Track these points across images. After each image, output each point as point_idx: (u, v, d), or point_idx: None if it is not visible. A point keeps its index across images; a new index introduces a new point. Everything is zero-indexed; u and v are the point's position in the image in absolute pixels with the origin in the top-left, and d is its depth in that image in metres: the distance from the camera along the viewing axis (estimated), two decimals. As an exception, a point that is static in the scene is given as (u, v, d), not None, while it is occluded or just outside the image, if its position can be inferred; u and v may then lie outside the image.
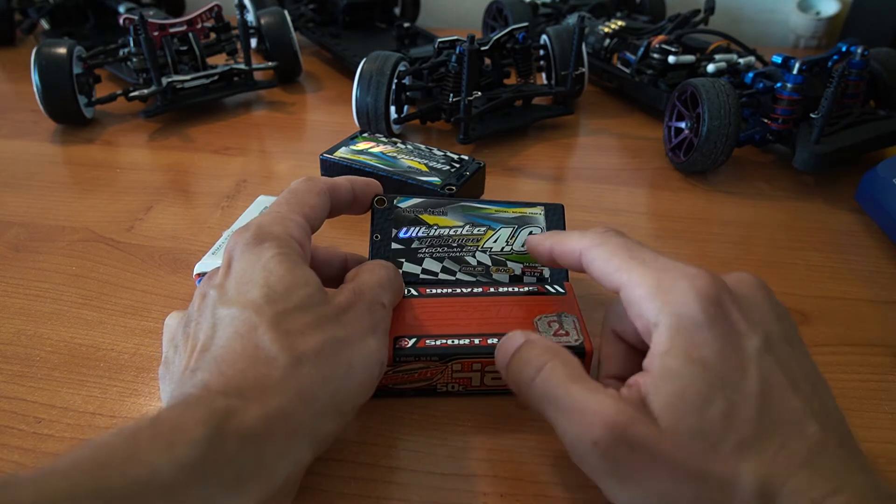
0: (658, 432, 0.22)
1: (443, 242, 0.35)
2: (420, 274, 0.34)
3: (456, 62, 0.54)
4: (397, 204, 0.35)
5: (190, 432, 0.19)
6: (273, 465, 0.21)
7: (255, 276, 0.25)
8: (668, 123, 0.55)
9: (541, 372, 0.25)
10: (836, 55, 0.52)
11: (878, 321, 0.37)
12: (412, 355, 0.29)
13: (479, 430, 0.29)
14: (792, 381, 0.23)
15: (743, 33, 0.86)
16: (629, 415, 0.22)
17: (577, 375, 0.24)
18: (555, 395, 0.24)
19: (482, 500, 0.26)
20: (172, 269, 0.40)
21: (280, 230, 0.27)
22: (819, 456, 0.22)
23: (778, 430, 0.22)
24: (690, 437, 0.22)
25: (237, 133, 0.60)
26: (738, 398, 0.22)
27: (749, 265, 0.42)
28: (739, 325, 0.24)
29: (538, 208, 0.36)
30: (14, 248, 0.42)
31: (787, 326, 0.25)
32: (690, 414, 0.22)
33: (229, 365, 0.22)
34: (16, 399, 0.31)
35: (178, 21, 0.60)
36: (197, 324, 0.25)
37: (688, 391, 0.23)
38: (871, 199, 0.45)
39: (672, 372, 0.23)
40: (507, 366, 0.27)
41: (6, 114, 0.63)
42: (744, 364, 0.23)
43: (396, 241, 0.34)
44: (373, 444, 0.29)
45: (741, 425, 0.22)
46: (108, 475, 0.17)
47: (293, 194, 0.29)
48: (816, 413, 0.23)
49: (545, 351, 0.26)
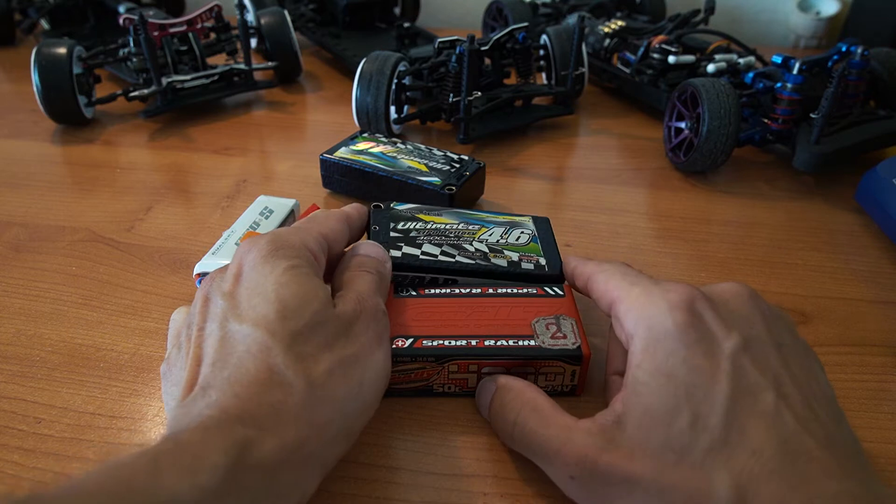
0: (628, 453, 0.23)
1: (440, 233, 0.36)
2: (420, 255, 0.34)
3: (456, 62, 0.54)
4: (394, 206, 0.37)
5: (210, 459, 0.19)
6: (287, 494, 0.21)
7: (268, 290, 0.24)
8: (668, 123, 0.55)
9: (515, 426, 0.26)
10: (836, 55, 0.52)
11: (878, 321, 0.37)
12: (408, 356, 0.29)
13: (479, 430, 0.29)
14: (771, 378, 0.23)
15: (743, 33, 0.86)
16: (597, 446, 0.23)
17: (548, 418, 0.26)
18: (530, 444, 0.26)
19: (482, 500, 0.26)
20: (172, 269, 0.40)
21: (296, 240, 0.27)
22: (795, 459, 0.21)
23: (749, 432, 0.22)
24: (660, 450, 0.22)
25: (237, 133, 0.60)
26: (705, 407, 0.23)
27: (749, 265, 0.42)
28: (714, 329, 0.24)
29: (526, 217, 0.38)
30: (14, 248, 0.42)
31: (778, 329, 0.25)
32: (657, 428, 0.23)
33: (244, 387, 0.22)
34: (16, 399, 0.31)
35: (178, 21, 0.60)
36: (201, 330, 0.25)
37: (654, 405, 0.23)
38: (871, 199, 0.45)
39: (641, 387, 0.24)
40: (489, 415, 0.29)
41: (6, 114, 0.63)
42: (715, 368, 0.23)
43: (395, 231, 0.35)
44: (373, 444, 0.29)
45: (709, 432, 0.22)
46: (131, 498, 0.17)
47: (312, 218, 0.31)
48: (797, 413, 0.22)
49: (515, 398, 0.27)
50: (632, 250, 0.44)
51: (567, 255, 0.34)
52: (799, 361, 0.25)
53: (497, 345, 0.29)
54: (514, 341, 0.29)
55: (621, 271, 0.29)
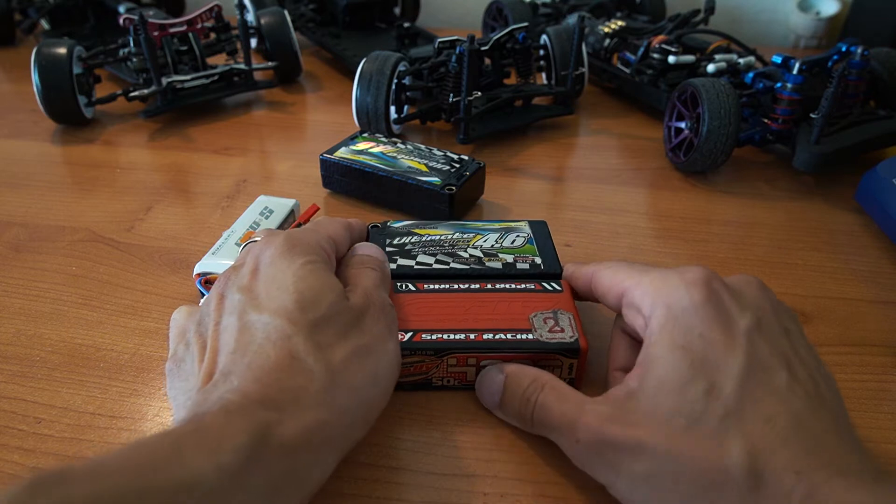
0: (637, 420, 0.23)
1: (434, 244, 0.36)
2: (414, 265, 0.35)
3: (456, 62, 0.54)
4: (390, 225, 0.38)
5: (234, 439, 0.19)
6: (307, 475, 0.22)
7: (287, 283, 0.25)
8: (668, 123, 0.55)
9: (534, 405, 0.27)
10: (836, 55, 0.52)
11: (878, 321, 0.37)
12: (408, 349, 0.29)
13: (479, 430, 0.29)
14: (782, 358, 0.24)
15: (743, 33, 0.86)
16: (605, 414, 0.24)
17: (565, 394, 0.27)
18: (547, 418, 0.26)
19: (482, 500, 0.26)
20: (172, 269, 0.40)
21: (311, 238, 0.28)
22: (807, 431, 0.22)
23: (763, 402, 0.22)
24: (670, 416, 0.23)
25: (237, 133, 0.60)
26: (720, 377, 0.23)
27: (749, 265, 0.42)
28: (730, 308, 0.25)
29: (522, 222, 0.39)
30: (14, 248, 0.42)
31: (785, 317, 0.26)
32: (669, 396, 0.23)
33: (265, 373, 0.22)
34: (16, 399, 0.31)
35: (178, 21, 0.60)
36: (217, 324, 0.25)
37: (668, 376, 0.24)
38: (871, 199, 0.45)
39: (656, 360, 0.24)
40: (500, 405, 0.29)
41: (6, 114, 0.63)
42: (731, 342, 0.24)
43: (390, 247, 0.36)
44: (373, 444, 0.29)
45: (722, 401, 0.23)
46: (155, 476, 0.18)
47: (318, 222, 0.32)
48: (808, 392, 0.23)
49: (533, 380, 0.28)
50: (632, 250, 0.44)
51: (565, 263, 0.34)
52: (805, 348, 0.25)
53: (496, 338, 0.30)
54: (512, 335, 0.30)
55: (627, 263, 0.29)
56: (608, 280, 0.30)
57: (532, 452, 0.28)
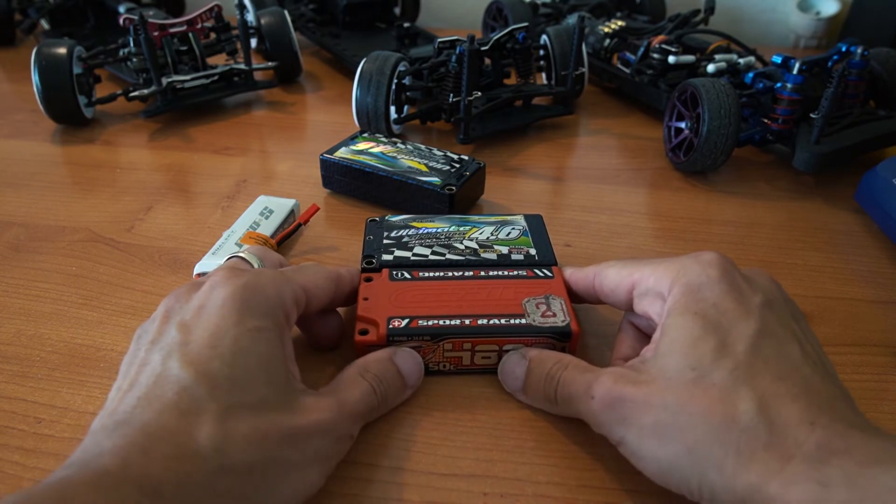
0: (648, 378, 0.24)
1: (430, 237, 0.37)
2: (411, 256, 0.35)
3: (456, 62, 0.54)
4: (388, 218, 0.39)
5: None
6: None
7: (224, 347, 0.23)
8: (668, 123, 0.55)
9: (558, 383, 0.28)
10: (836, 55, 0.52)
11: (878, 321, 0.37)
12: (405, 335, 0.30)
13: (479, 430, 0.29)
14: (793, 335, 0.24)
15: (743, 33, 0.86)
16: (619, 373, 0.25)
17: (586, 369, 0.27)
18: (569, 392, 0.27)
19: (482, 501, 0.26)
20: (172, 270, 0.40)
21: (273, 293, 0.26)
22: (819, 394, 0.22)
23: (774, 364, 0.23)
24: (680, 370, 0.24)
25: (237, 133, 0.60)
26: (731, 336, 0.24)
27: (749, 265, 0.42)
28: (743, 286, 0.26)
29: (518, 216, 0.40)
30: (14, 248, 0.42)
31: (793, 307, 0.27)
32: (680, 353, 0.24)
33: (156, 442, 0.20)
34: (16, 399, 0.31)
35: (178, 21, 0.60)
36: (148, 353, 0.24)
37: (680, 336, 0.24)
38: (870, 199, 0.45)
39: (670, 327, 0.25)
40: (524, 389, 0.29)
41: (6, 114, 0.63)
42: (745, 311, 0.25)
43: (388, 239, 0.37)
44: (373, 443, 0.29)
45: (733, 357, 0.23)
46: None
47: (302, 268, 0.30)
48: (815, 364, 0.24)
49: (556, 362, 0.28)
50: (632, 250, 0.44)
51: (564, 263, 0.34)
52: (812, 337, 0.26)
53: (490, 323, 0.30)
54: (505, 320, 0.31)
55: (633, 258, 0.30)
56: (615, 276, 0.30)
57: (532, 453, 0.28)
